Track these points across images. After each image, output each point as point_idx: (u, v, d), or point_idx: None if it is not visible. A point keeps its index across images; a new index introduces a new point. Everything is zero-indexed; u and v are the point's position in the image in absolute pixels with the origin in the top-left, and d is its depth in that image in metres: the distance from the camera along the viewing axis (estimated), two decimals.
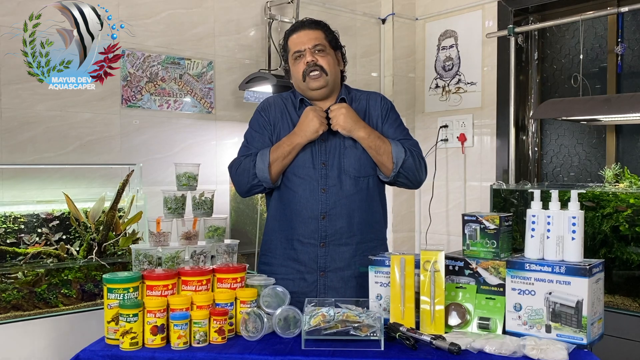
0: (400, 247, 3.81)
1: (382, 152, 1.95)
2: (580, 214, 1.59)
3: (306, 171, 1.98)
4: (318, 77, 1.98)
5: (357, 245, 1.99)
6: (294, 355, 1.50)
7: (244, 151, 2.06)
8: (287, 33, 2.08)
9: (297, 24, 2.08)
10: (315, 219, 1.97)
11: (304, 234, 1.98)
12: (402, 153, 1.95)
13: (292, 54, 2.03)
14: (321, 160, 1.99)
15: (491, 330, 1.62)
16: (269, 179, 1.96)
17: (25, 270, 2.22)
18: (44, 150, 2.64)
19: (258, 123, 2.08)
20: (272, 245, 2.06)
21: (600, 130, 3.33)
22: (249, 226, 3.23)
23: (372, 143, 1.95)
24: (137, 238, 2.49)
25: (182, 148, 3.06)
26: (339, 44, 2.09)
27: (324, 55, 2.00)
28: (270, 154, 1.96)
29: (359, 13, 3.81)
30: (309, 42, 2.00)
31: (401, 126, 2.09)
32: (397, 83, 3.88)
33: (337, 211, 1.97)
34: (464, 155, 3.72)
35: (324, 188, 1.97)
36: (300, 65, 2.00)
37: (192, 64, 3.10)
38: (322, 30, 2.04)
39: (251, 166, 1.97)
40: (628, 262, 2.64)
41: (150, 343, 1.57)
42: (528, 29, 3.48)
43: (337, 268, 1.98)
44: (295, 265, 2.00)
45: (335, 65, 2.04)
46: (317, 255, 1.97)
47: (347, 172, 1.98)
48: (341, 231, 1.97)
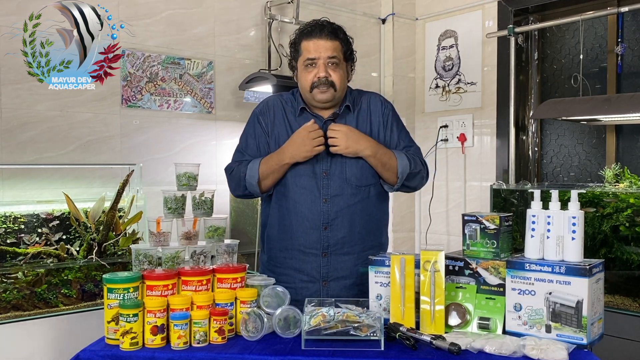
0: (400, 247, 3.80)
1: (388, 167, 1.95)
2: (580, 214, 1.59)
3: (307, 180, 1.95)
4: (326, 92, 1.93)
5: (359, 253, 1.98)
6: (294, 355, 1.50)
7: (239, 156, 2.04)
8: (303, 35, 1.97)
9: (315, 28, 1.95)
10: (317, 230, 1.95)
11: (306, 244, 1.97)
12: (407, 167, 1.95)
13: (304, 59, 1.94)
14: (323, 169, 1.96)
15: (491, 330, 1.62)
16: (259, 192, 1.98)
17: (25, 270, 2.22)
18: (44, 150, 2.64)
19: (254, 129, 2.04)
20: (272, 253, 2.05)
21: (600, 130, 3.33)
22: (249, 226, 3.23)
23: (378, 162, 1.94)
24: (137, 238, 2.49)
25: (182, 148, 3.06)
26: (352, 56, 2.02)
27: (337, 69, 1.93)
28: (259, 169, 1.93)
29: (359, 13, 3.81)
30: (325, 52, 1.92)
31: (404, 131, 2.07)
32: (397, 83, 3.88)
33: (339, 221, 1.95)
34: (464, 155, 3.72)
35: (326, 198, 1.95)
36: (310, 75, 1.93)
37: (192, 64, 3.10)
38: (339, 41, 1.95)
39: (242, 178, 1.96)
40: (628, 262, 2.64)
41: (150, 343, 1.57)
42: (528, 29, 3.48)
43: (339, 277, 1.98)
44: (297, 274, 1.99)
45: (345, 80, 1.99)
46: (319, 265, 1.97)
47: (350, 181, 1.96)
48: (343, 241, 1.96)
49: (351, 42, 2.02)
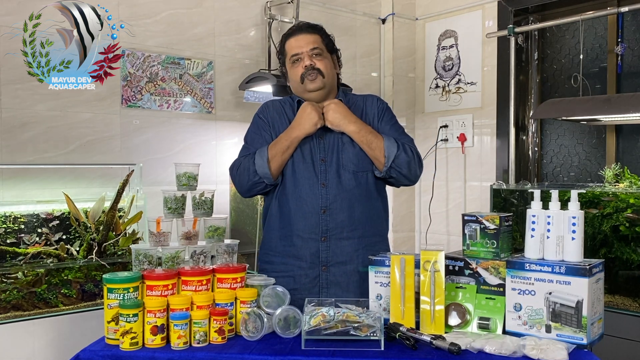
0: (400, 247, 3.81)
1: (374, 146, 1.97)
2: (580, 214, 1.59)
3: (305, 167, 2.00)
4: (315, 79, 2.01)
5: (359, 239, 1.99)
6: (294, 355, 1.50)
7: (244, 152, 2.08)
8: (284, 37, 2.10)
9: (294, 28, 2.11)
10: (315, 214, 1.97)
11: (305, 229, 1.98)
12: (394, 147, 1.96)
13: (289, 57, 2.06)
14: (320, 156, 2.01)
15: (491, 330, 1.62)
16: (269, 174, 1.97)
17: (25, 270, 2.22)
18: (44, 150, 2.64)
19: (257, 125, 2.12)
20: (272, 244, 2.06)
21: (600, 130, 3.33)
22: (249, 226, 3.23)
23: (363, 137, 1.98)
24: (137, 238, 2.49)
25: (182, 148, 3.06)
26: (334, 48, 2.13)
27: (321, 58, 2.04)
28: (268, 150, 1.98)
29: (359, 13, 3.81)
30: (306, 45, 2.03)
31: (397, 124, 2.12)
32: (397, 83, 3.88)
33: (338, 205, 1.98)
34: (464, 155, 3.72)
35: (324, 183, 1.99)
36: (298, 69, 2.03)
37: (192, 64, 3.10)
38: (318, 34, 2.08)
39: (251, 163, 1.99)
40: (628, 262, 2.64)
41: (150, 343, 1.57)
42: (528, 29, 3.48)
43: (339, 262, 1.98)
44: (296, 261, 2.00)
45: (332, 69, 2.08)
46: (318, 249, 1.98)
47: (346, 168, 2.00)
48: (342, 225, 1.98)
49: (331, 37, 2.13)
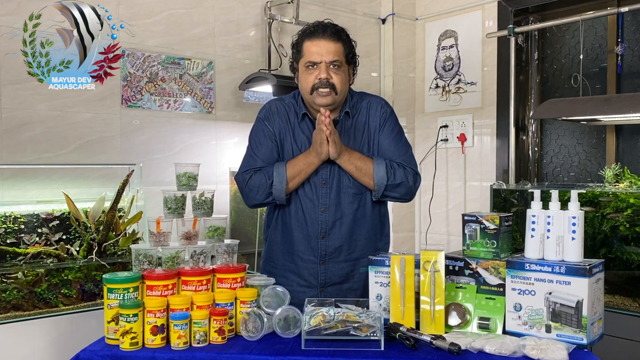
0: (400, 247, 3.80)
1: (364, 172, 1.92)
2: (580, 214, 1.59)
3: (309, 189, 1.96)
4: (327, 95, 1.90)
5: (356, 260, 1.99)
6: (294, 355, 1.50)
7: (251, 162, 1.99)
8: (305, 35, 1.95)
9: (317, 29, 1.93)
10: (315, 238, 1.97)
11: (305, 251, 1.98)
12: (382, 174, 1.90)
13: (305, 61, 1.93)
14: (322, 178, 1.96)
15: (491, 330, 1.62)
16: (284, 197, 1.93)
17: (25, 270, 2.22)
18: (44, 150, 2.64)
19: (263, 132, 2.00)
20: (273, 255, 2.06)
21: (600, 130, 3.33)
22: (249, 226, 3.23)
23: (352, 166, 1.91)
24: (137, 238, 2.49)
25: (182, 148, 3.06)
26: (354, 59, 2.00)
27: (339, 72, 1.91)
28: (287, 171, 1.91)
29: (359, 13, 3.81)
30: (327, 55, 1.89)
31: (397, 136, 2.01)
32: (397, 83, 3.88)
33: (337, 230, 1.96)
34: (464, 155, 3.72)
35: (324, 207, 1.96)
36: (311, 77, 1.91)
37: (192, 64, 3.10)
38: (342, 43, 1.93)
39: (267, 184, 1.92)
40: (628, 262, 2.64)
41: (150, 343, 1.57)
42: (528, 29, 3.48)
43: (336, 283, 1.99)
44: (296, 278, 2.00)
45: (346, 83, 1.96)
46: (317, 272, 1.98)
47: (346, 190, 1.96)
48: (340, 249, 1.98)
49: (354, 45, 1.99)
